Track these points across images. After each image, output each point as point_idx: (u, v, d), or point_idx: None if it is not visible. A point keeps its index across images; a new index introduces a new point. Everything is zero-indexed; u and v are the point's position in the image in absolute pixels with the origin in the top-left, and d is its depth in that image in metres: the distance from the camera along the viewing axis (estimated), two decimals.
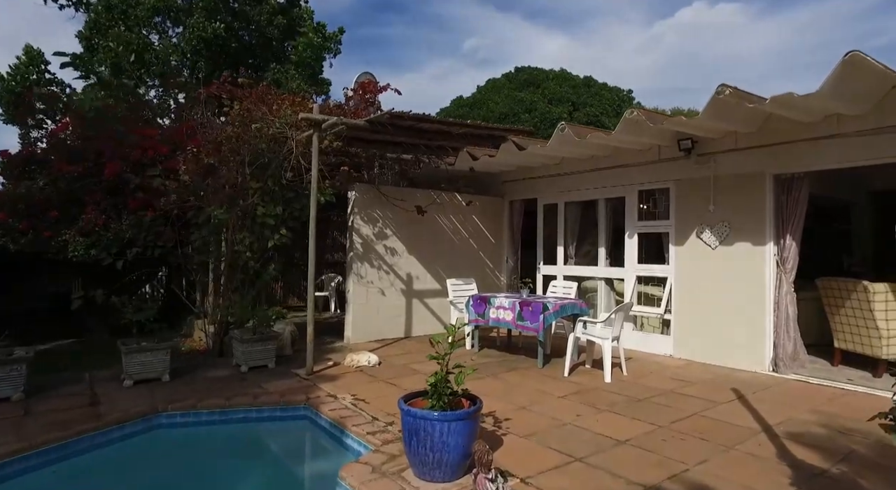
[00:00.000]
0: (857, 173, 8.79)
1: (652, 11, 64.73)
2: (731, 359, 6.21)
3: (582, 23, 67.59)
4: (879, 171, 8.95)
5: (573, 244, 8.45)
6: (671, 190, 6.93)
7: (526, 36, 64.60)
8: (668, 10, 66.14)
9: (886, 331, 5.68)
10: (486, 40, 68.80)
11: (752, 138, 6.07)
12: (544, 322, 6.02)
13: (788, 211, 5.86)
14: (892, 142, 5.12)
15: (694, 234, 6.63)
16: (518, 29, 66.78)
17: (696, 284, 6.60)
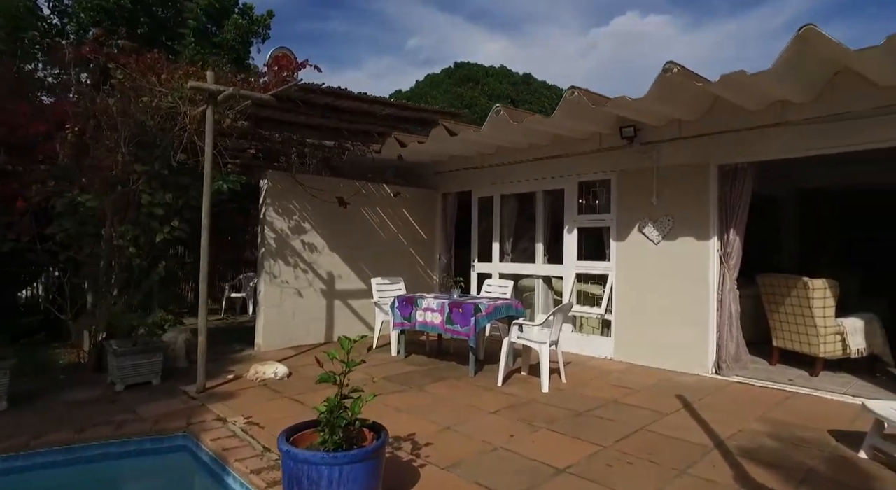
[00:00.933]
0: (785, 170, 8.78)
1: (588, 19, 66.40)
2: (674, 361, 5.83)
3: (522, 26, 68.39)
4: (807, 169, 9.00)
5: (510, 240, 7.90)
6: (612, 181, 6.49)
7: (468, 37, 64.62)
8: (603, 19, 68.11)
9: (824, 328, 5.45)
10: (429, 40, 68.27)
11: (697, 127, 5.70)
12: (476, 326, 5.38)
13: (732, 204, 5.52)
14: (833, 131, 4.85)
15: (636, 229, 6.22)
16: (460, 30, 66.69)
17: (638, 282, 6.19)
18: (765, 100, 5.00)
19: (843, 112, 4.79)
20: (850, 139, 4.79)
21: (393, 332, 6.46)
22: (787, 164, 6.48)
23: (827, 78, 4.79)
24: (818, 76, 4.69)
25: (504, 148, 7.53)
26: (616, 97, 4.94)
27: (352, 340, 2.66)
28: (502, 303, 5.74)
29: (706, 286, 5.62)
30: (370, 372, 5.64)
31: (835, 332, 5.48)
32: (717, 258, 5.62)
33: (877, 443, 3.47)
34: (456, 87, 31.56)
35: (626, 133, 6.06)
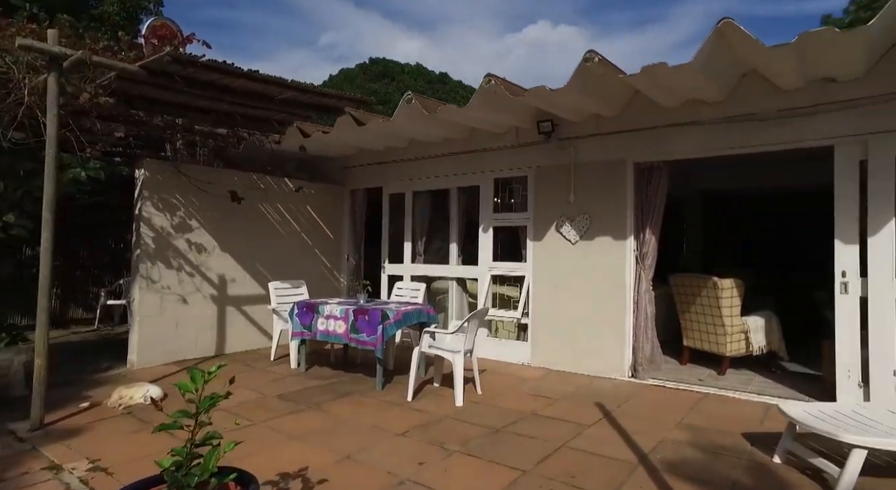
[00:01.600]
0: (688, 171, 9.08)
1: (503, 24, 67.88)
2: (591, 365, 5.64)
3: (438, 27, 68.57)
4: (708, 171, 9.36)
5: (422, 240, 7.44)
6: (530, 179, 6.22)
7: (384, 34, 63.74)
8: (517, 26, 69.95)
9: (731, 327, 5.50)
10: (344, 35, 66.54)
11: (615, 123, 5.54)
12: (384, 334, 4.85)
13: (649, 202, 5.42)
14: (742, 132, 4.85)
15: (553, 228, 5.98)
16: (377, 27, 65.63)
17: (556, 284, 5.95)
18: (681, 97, 4.91)
19: (750, 113, 4.79)
20: (755, 140, 4.80)
21: (292, 343, 5.76)
22: (693, 165, 6.54)
23: (737, 79, 4.77)
24: (729, 76, 4.65)
25: (417, 141, 7.06)
26: (534, 87, 4.62)
27: (206, 374, 2.02)
28: (412, 308, 5.25)
29: (623, 287, 5.47)
30: (263, 390, 4.93)
31: (740, 330, 5.53)
32: (634, 258, 5.50)
33: (790, 446, 3.37)
34: (370, 82, 30.76)
35: (544, 128, 5.80)
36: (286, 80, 4.90)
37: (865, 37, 3.52)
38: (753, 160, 7.78)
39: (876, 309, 4.27)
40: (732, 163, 8.07)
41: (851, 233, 4.41)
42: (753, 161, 7.91)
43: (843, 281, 4.43)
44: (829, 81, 4.45)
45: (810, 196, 9.50)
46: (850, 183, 4.43)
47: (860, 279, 4.36)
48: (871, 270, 4.29)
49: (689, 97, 4.95)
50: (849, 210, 4.42)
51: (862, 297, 4.36)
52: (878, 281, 4.26)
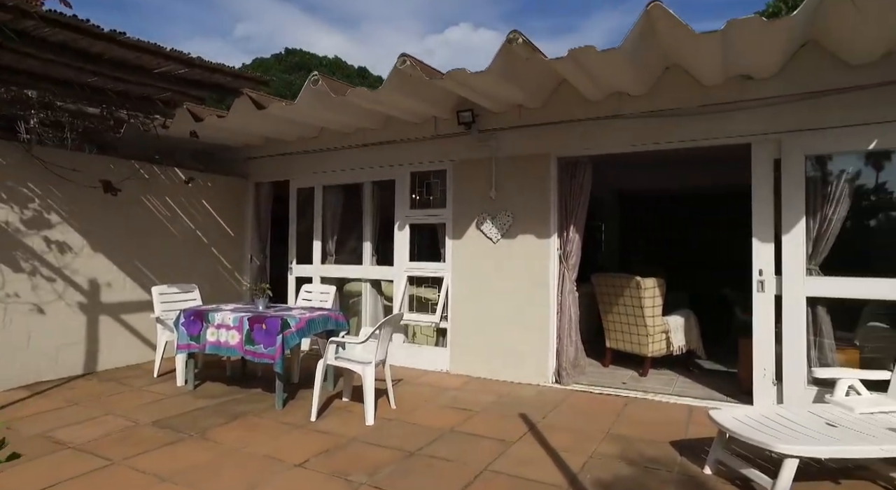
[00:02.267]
0: (604, 171, 9.15)
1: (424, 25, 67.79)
2: (514, 372, 5.33)
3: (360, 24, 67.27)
4: (623, 170, 9.50)
5: (334, 238, 6.83)
6: (449, 172, 5.82)
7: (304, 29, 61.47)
8: (438, 27, 70.15)
9: (653, 327, 5.41)
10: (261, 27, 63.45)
11: (538, 115, 5.27)
12: (284, 345, 4.24)
13: (573, 199, 5.19)
14: (663, 127, 4.74)
15: (474, 226, 5.61)
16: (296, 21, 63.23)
17: (476, 285, 5.59)
18: (606, 89, 4.70)
19: (672, 108, 4.68)
20: (677, 135, 4.70)
21: (178, 357, 4.98)
22: (610, 164, 6.48)
23: (660, 72, 4.64)
24: (653, 68, 4.50)
25: (329, 131, 6.45)
26: (453, 70, 4.20)
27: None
28: (319, 315, 4.67)
29: (546, 288, 5.21)
30: (137, 415, 4.16)
31: (661, 330, 5.46)
32: (557, 257, 5.25)
33: (720, 456, 3.19)
34: (286, 74, 29.31)
35: (464, 118, 5.42)
36: (164, 48, 4.14)
37: (790, 27, 3.43)
38: (669, 160, 7.92)
39: (789, 307, 4.26)
40: (648, 163, 8.17)
41: (767, 231, 4.39)
42: (669, 161, 8.05)
43: (759, 279, 4.40)
44: (746, 78, 4.41)
45: (721, 196, 9.97)
46: (765, 181, 4.42)
47: (775, 278, 4.35)
48: (785, 269, 4.28)
49: (613, 89, 4.76)
50: (765, 209, 4.40)
51: (777, 296, 4.35)
52: (791, 279, 4.26)
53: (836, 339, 4.30)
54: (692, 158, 7.69)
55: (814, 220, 4.23)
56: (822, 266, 4.24)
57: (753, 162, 4.46)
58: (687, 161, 8.01)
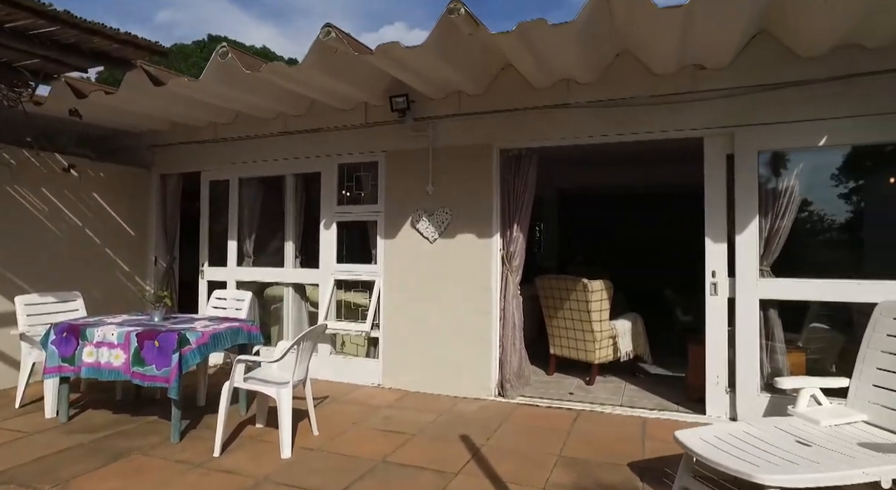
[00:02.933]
0: (544, 168, 8.90)
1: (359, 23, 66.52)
2: (454, 384, 4.85)
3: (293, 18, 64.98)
4: (563, 169, 9.31)
5: (252, 237, 6.07)
6: (381, 165, 5.25)
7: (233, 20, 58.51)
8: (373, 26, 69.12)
9: (600, 333, 5.11)
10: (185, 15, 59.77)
11: (479, 102, 4.81)
12: (182, 366, 3.52)
13: (517, 195, 4.77)
14: (617, 117, 4.42)
15: (408, 224, 5.08)
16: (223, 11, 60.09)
17: (411, 290, 5.06)
18: (553, 74, 4.31)
19: (623, 98, 4.37)
20: (628, 127, 4.39)
21: (47, 382, 4.10)
22: (552, 161, 6.18)
23: (610, 58, 4.31)
24: (604, 54, 4.16)
25: (245, 116, 5.70)
26: (385, 43, 3.65)
27: None
28: (227, 327, 3.96)
29: (489, 292, 4.76)
30: None
31: (609, 336, 5.17)
32: (500, 259, 4.82)
33: (687, 483, 2.85)
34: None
35: (398, 104, 4.87)
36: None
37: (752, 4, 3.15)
38: (613, 158, 7.75)
39: (743, 310, 4.04)
40: (591, 160, 7.97)
41: (720, 231, 4.16)
42: (612, 159, 7.89)
43: (712, 281, 4.16)
44: (698, 68, 4.16)
45: (663, 196, 10.02)
46: (718, 178, 4.18)
47: (729, 279, 4.12)
48: (739, 270, 4.06)
49: (561, 75, 4.38)
50: (718, 207, 4.16)
51: (730, 298, 4.12)
52: (745, 281, 4.04)
53: (784, 341, 4.13)
54: (636, 156, 7.56)
55: (765, 220, 4.03)
56: (774, 267, 4.05)
57: (706, 157, 4.22)
58: (630, 159, 7.89)
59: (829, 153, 4.18)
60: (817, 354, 4.44)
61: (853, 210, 4.76)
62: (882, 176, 4.39)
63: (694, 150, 4.40)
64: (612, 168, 8.68)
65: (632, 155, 7.53)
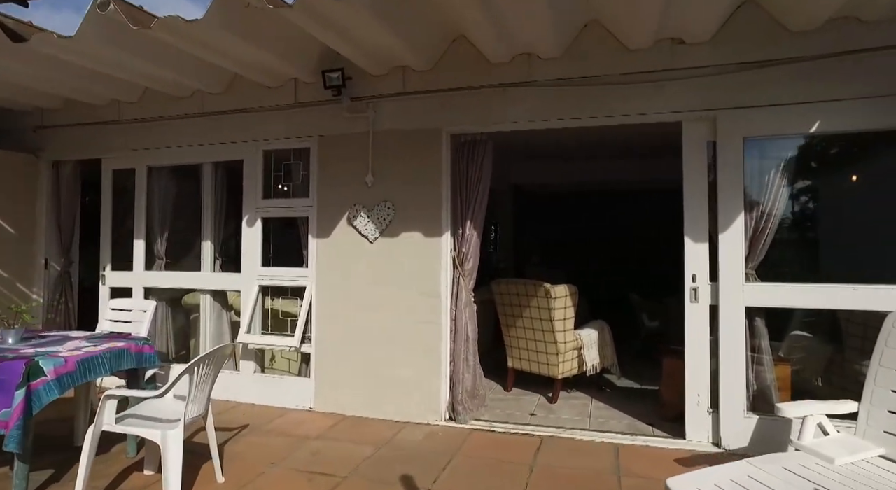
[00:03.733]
0: (500, 162, 8.34)
1: None
2: (398, 407, 4.16)
3: None
4: (521, 163, 8.78)
5: (164, 236, 5.17)
6: (313, 152, 4.50)
7: None
8: None
9: (564, 344, 4.54)
10: None
11: (427, 79, 4.14)
12: (29, 405, 2.68)
13: (470, 187, 4.13)
14: (585, 97, 3.84)
15: (345, 220, 4.36)
16: None
17: (348, 297, 4.34)
18: (514, 44, 3.70)
19: (592, 76, 3.80)
20: (597, 109, 3.82)
21: None
22: (511, 152, 5.64)
23: (577, 29, 3.74)
24: (570, 24, 3.59)
25: (154, 93, 4.83)
26: None
27: None
28: (105, 349, 3.12)
29: (438, 299, 4.10)
30: None
31: (574, 347, 4.60)
32: (451, 261, 4.17)
33: None
34: None
35: (332, 80, 4.15)
36: None
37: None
38: (575, 151, 7.24)
39: (727, 319, 3.54)
40: (551, 152, 7.44)
41: (701, 229, 3.64)
42: (575, 153, 7.38)
43: (693, 286, 3.64)
44: (677, 43, 3.63)
45: (629, 193, 9.66)
46: (699, 169, 3.67)
47: (710, 285, 3.61)
48: (722, 274, 3.56)
49: (523, 48, 3.78)
50: (698, 203, 3.65)
51: (713, 306, 3.61)
52: (729, 286, 3.54)
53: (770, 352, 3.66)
54: (601, 149, 7.08)
55: (751, 216, 3.55)
56: (759, 270, 3.57)
57: (685, 145, 3.70)
58: (594, 152, 7.41)
59: (823, 140, 3.73)
60: (800, 365, 4.01)
61: (851, 206, 4.38)
62: (887, 166, 4.00)
63: (667, 140, 3.89)
64: (574, 163, 8.20)
65: (596, 147, 7.06)
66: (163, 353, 5.06)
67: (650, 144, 6.47)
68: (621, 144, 6.68)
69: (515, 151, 7.33)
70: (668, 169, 4.82)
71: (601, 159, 7.87)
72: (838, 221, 4.37)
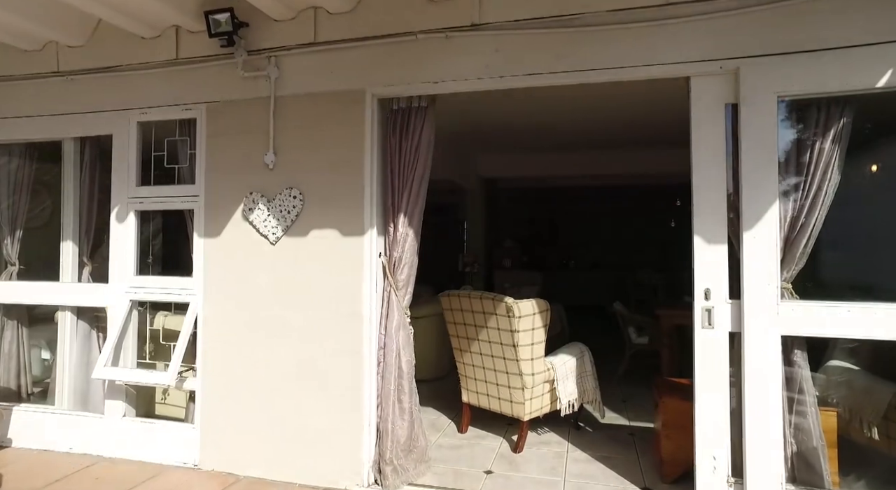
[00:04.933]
0: (465, 151, 7.32)
1: None
2: (308, 466, 3.07)
3: None
4: (492, 155, 7.76)
5: (15, 235, 3.99)
6: (200, 124, 3.39)
7: None
8: None
9: (531, 377, 3.49)
10: None
11: (346, 24, 3.07)
12: None
13: (404, 169, 3.06)
14: (561, 45, 2.80)
15: (239, 214, 3.26)
16: None
17: (244, 317, 3.23)
18: None
19: (569, 15, 2.76)
20: (576, 60, 2.78)
21: None
22: (478, 141, 4.65)
23: None
24: None
25: None
26: None
27: None
28: None
29: (360, 321, 3.02)
30: None
31: (544, 379, 3.56)
32: (381, 268, 3.10)
33: None
34: None
35: (220, 25, 3.05)
36: None
37: None
38: (553, 138, 6.21)
39: (754, 353, 2.53)
40: (527, 139, 6.40)
41: (717, 226, 2.63)
42: (552, 142, 6.36)
43: (705, 306, 2.62)
44: None
45: (618, 188, 8.75)
46: (713, 143, 2.65)
47: (730, 303, 2.59)
48: (747, 288, 2.54)
49: None
50: (713, 189, 2.63)
51: (732, 333, 2.60)
52: (757, 306, 2.53)
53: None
54: (584, 136, 6.08)
55: (787, 207, 2.55)
56: (797, 282, 2.57)
57: (694, 110, 2.67)
58: (576, 141, 6.41)
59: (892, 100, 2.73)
60: (842, 407, 3.02)
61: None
62: None
63: (665, 119, 2.88)
64: (553, 154, 7.20)
65: (579, 134, 6.06)
66: (8, 389, 3.88)
67: (645, 125, 5.48)
68: (607, 126, 5.67)
69: (481, 136, 6.30)
70: (665, 160, 3.86)
71: (587, 148, 6.88)
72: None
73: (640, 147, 6.63)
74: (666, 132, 5.31)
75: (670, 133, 4.85)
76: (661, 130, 5.50)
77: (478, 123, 5.56)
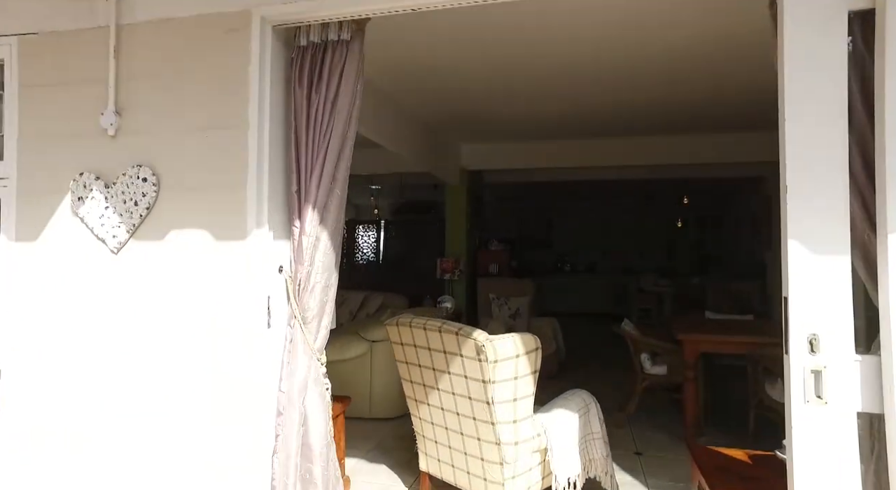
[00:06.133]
0: (446, 144, 6.28)
1: None
2: None
3: None
4: (478, 145, 6.72)
5: None
6: (10, 67, 2.25)
7: None
8: None
9: (513, 446, 2.38)
10: None
11: None
12: None
13: (315, 135, 1.94)
14: None
15: (67, 206, 2.13)
16: None
17: (73, 363, 2.11)
18: None
19: None
20: None
21: None
22: (459, 125, 3.66)
23: None
24: None
25: None
26: None
27: None
28: None
29: (247, 381, 1.90)
30: None
31: (533, 448, 2.45)
32: (285, 289, 1.98)
33: None
34: None
35: None
36: None
37: None
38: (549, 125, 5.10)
39: None
40: (511, 120, 5.29)
41: (834, 225, 1.53)
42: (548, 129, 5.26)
43: (810, 364, 1.52)
44: None
45: (625, 184, 7.79)
46: (826, 85, 1.55)
47: (859, 360, 1.50)
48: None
49: None
50: (826, 160, 1.54)
51: (863, 413, 1.50)
52: None
53: None
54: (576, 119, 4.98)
55: None
56: None
57: (788, 24, 1.57)
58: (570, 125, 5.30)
59: None
60: None
61: None
62: None
63: None
64: (549, 143, 6.14)
65: (576, 119, 4.95)
66: None
67: (666, 105, 4.37)
68: (615, 109, 4.57)
69: (464, 122, 5.20)
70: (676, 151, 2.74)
71: (581, 137, 5.81)
72: None
73: (650, 133, 5.57)
74: (680, 115, 4.22)
75: (692, 115, 3.77)
76: (674, 114, 4.43)
77: (459, 102, 4.45)
